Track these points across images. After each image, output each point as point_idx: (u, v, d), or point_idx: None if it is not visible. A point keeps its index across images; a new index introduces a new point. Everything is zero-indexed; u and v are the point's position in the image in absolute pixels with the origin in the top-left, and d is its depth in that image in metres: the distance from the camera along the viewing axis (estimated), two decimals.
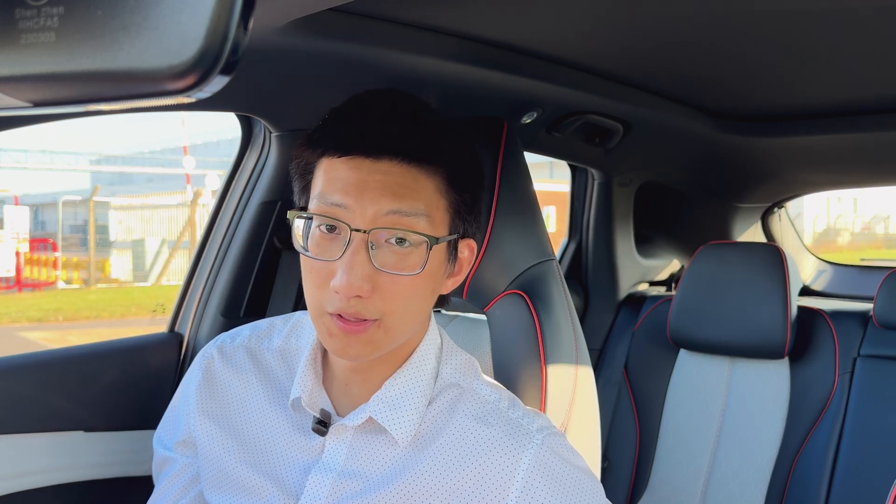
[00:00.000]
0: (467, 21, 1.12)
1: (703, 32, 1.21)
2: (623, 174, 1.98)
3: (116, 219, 15.21)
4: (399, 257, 0.78)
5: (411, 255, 0.78)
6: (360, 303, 0.76)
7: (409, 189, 0.78)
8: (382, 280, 0.77)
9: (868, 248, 18.90)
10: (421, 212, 0.78)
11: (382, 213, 0.76)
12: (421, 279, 0.79)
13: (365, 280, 0.75)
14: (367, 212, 0.76)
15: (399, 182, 0.77)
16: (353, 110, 0.81)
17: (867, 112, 1.69)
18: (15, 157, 18.62)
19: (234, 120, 1.32)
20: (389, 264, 0.77)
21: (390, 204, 0.76)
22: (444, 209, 0.81)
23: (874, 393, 1.71)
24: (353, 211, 0.77)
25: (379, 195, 0.76)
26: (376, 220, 0.76)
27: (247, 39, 0.36)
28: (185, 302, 1.38)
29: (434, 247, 0.79)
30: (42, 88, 0.40)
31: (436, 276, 0.82)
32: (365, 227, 0.76)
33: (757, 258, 1.82)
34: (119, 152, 26.43)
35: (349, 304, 0.76)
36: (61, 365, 1.19)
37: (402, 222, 0.77)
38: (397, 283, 0.77)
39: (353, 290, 0.75)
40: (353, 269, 0.75)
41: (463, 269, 0.87)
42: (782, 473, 1.73)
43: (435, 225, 0.80)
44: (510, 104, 1.38)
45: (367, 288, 0.76)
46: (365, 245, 0.76)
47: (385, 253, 0.77)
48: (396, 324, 0.79)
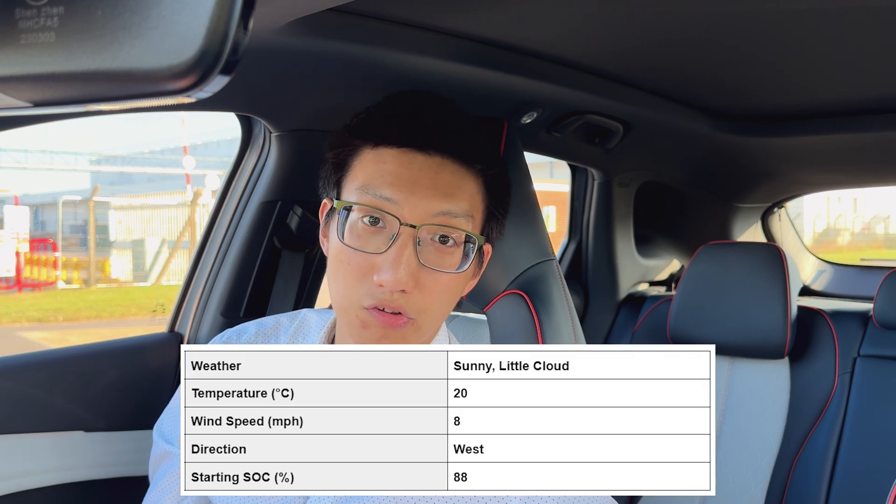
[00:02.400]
0: (467, 21, 1.12)
1: (703, 32, 1.21)
2: (623, 174, 1.98)
3: (116, 219, 15.21)
4: (442, 255, 0.78)
5: (454, 254, 0.79)
6: (402, 297, 0.76)
7: (458, 188, 0.78)
8: (424, 277, 0.77)
9: (868, 248, 18.91)
10: (467, 212, 0.79)
11: (433, 212, 0.77)
12: (458, 278, 0.80)
13: (411, 276, 0.76)
14: (417, 208, 0.76)
15: (449, 181, 0.78)
16: (404, 105, 0.81)
17: (867, 112, 1.69)
18: (15, 157, 18.63)
19: (234, 120, 1.32)
20: (433, 261, 0.78)
21: (441, 204, 0.77)
22: (482, 211, 0.82)
23: (874, 393, 1.71)
24: (402, 206, 0.76)
25: (431, 193, 0.77)
26: (426, 218, 0.77)
27: (247, 39, 0.36)
28: (185, 302, 1.38)
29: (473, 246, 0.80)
30: (42, 88, 0.40)
31: (468, 277, 0.83)
32: (415, 222, 0.76)
33: (757, 258, 1.82)
34: (119, 152, 26.44)
35: (392, 298, 0.76)
36: (61, 365, 1.19)
37: (452, 222, 0.78)
38: (438, 281, 0.78)
39: (399, 285, 0.75)
40: (401, 263, 0.75)
41: (480, 273, 0.88)
42: (782, 473, 1.73)
43: (475, 226, 0.81)
44: (510, 104, 1.38)
45: (412, 284, 0.76)
46: (413, 240, 0.76)
47: (429, 250, 0.78)
48: (428, 323, 0.80)
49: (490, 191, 0.83)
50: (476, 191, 0.81)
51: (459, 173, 0.79)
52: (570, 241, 2.08)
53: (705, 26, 1.18)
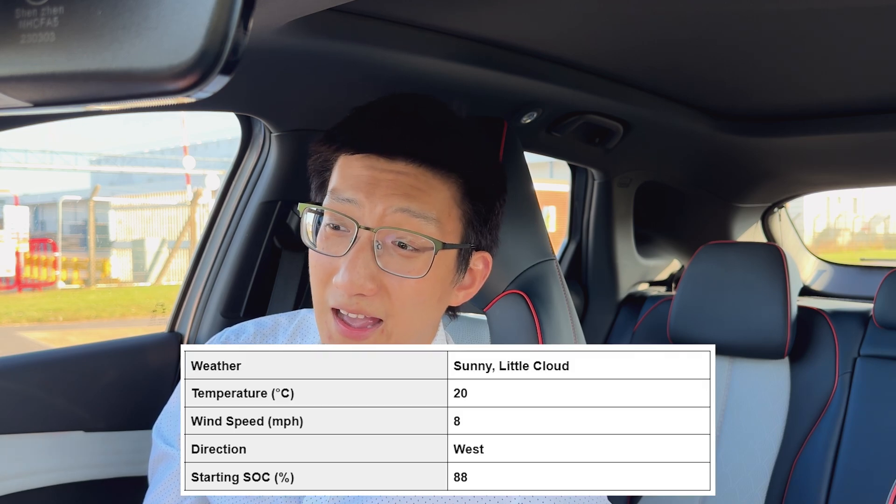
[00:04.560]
0: (467, 21, 1.12)
1: (703, 32, 1.21)
2: (623, 174, 1.98)
3: (116, 219, 15.21)
4: (404, 260, 0.77)
5: (417, 259, 0.77)
6: (363, 300, 0.76)
7: (421, 191, 0.77)
8: (388, 282, 0.77)
9: (868, 248, 18.90)
10: (430, 216, 0.77)
11: (391, 210, 0.76)
12: (427, 284, 0.78)
13: (368, 279, 0.75)
14: (377, 209, 0.76)
15: (411, 183, 0.77)
16: (375, 110, 0.81)
17: (867, 112, 1.69)
18: (15, 157, 18.62)
19: (234, 120, 1.32)
20: (394, 266, 0.77)
21: (400, 202, 0.76)
22: (458, 218, 0.80)
23: (874, 393, 1.71)
24: (362, 207, 0.77)
25: (390, 193, 0.76)
26: (384, 218, 0.76)
27: (247, 39, 0.36)
28: (185, 302, 1.38)
29: (440, 253, 0.78)
30: (42, 88, 0.40)
31: (443, 284, 0.81)
32: (372, 225, 0.76)
33: (757, 258, 1.82)
34: (119, 152, 26.42)
35: (351, 301, 0.76)
36: (61, 365, 1.19)
37: (410, 223, 0.77)
38: (403, 287, 0.77)
39: (353, 288, 0.75)
40: (356, 266, 0.75)
41: (476, 283, 0.86)
42: (782, 473, 1.73)
43: (445, 232, 0.79)
44: (510, 104, 1.38)
45: (370, 287, 0.76)
46: (370, 244, 0.76)
47: (391, 254, 0.77)
48: (400, 328, 0.79)
49: (470, 197, 0.81)
50: (448, 196, 0.79)
51: (425, 177, 0.78)
52: (570, 241, 2.08)
53: (705, 26, 1.18)
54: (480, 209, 0.82)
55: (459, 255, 0.82)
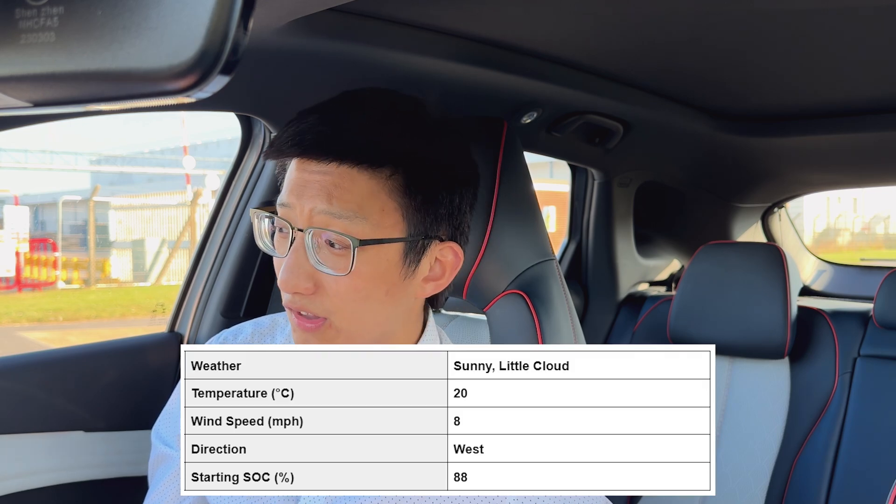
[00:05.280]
0: (468, 21, 1.12)
1: (703, 32, 1.21)
2: (623, 174, 1.98)
3: (116, 219, 15.21)
4: (334, 258, 0.78)
5: (344, 257, 0.78)
6: (302, 299, 0.79)
7: (343, 189, 0.77)
8: (325, 280, 0.78)
9: (868, 248, 18.90)
10: (352, 213, 0.77)
11: (315, 212, 0.78)
12: (363, 280, 0.78)
13: (304, 278, 0.77)
14: (305, 210, 0.78)
15: (334, 182, 0.77)
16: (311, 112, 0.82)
17: (867, 112, 1.69)
18: (15, 157, 18.62)
19: (234, 120, 1.32)
20: (329, 264, 0.78)
21: (321, 204, 0.77)
22: (394, 210, 0.79)
23: (874, 393, 1.71)
24: (294, 210, 0.79)
25: (315, 195, 0.78)
26: (311, 220, 0.78)
27: (247, 39, 0.36)
28: (185, 302, 1.38)
29: (374, 248, 0.78)
30: (42, 88, 0.40)
31: (386, 278, 0.80)
32: (303, 226, 0.78)
33: (757, 258, 1.82)
34: (119, 152, 26.41)
35: (293, 300, 0.79)
36: (61, 365, 1.19)
37: (333, 223, 0.77)
38: (339, 284, 0.78)
39: (290, 287, 0.78)
40: (291, 266, 0.77)
41: (446, 273, 0.85)
42: (782, 473, 1.73)
43: (380, 227, 0.78)
44: (510, 104, 1.38)
45: (307, 286, 0.78)
46: (303, 244, 0.78)
47: (325, 253, 0.78)
48: (346, 324, 0.80)
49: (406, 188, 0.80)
50: (375, 190, 0.78)
51: (349, 174, 0.77)
52: (570, 241, 2.08)
53: (705, 26, 1.18)
54: (420, 199, 0.80)
55: (406, 247, 0.80)
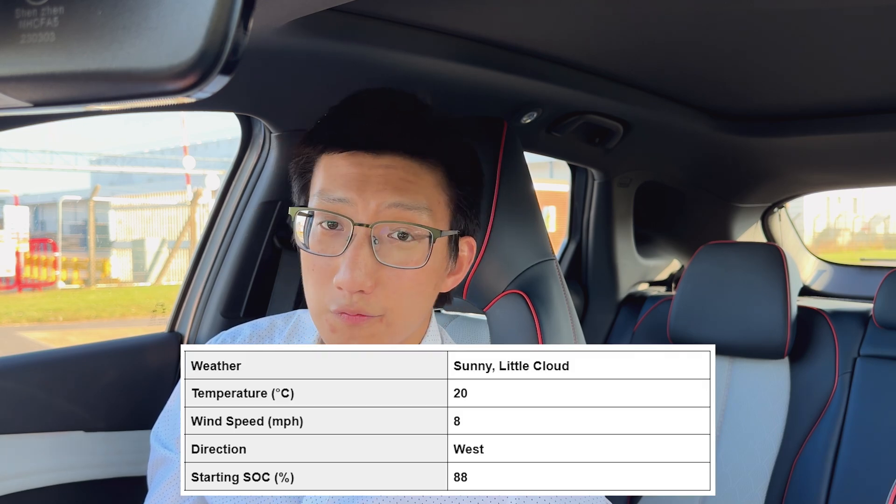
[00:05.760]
0: (467, 21, 1.12)
1: (703, 32, 1.21)
2: (623, 174, 1.98)
3: (116, 219, 15.21)
4: (402, 251, 0.78)
5: (414, 250, 0.78)
6: (362, 299, 0.76)
7: (411, 183, 0.78)
8: (385, 275, 0.77)
9: (868, 248, 18.90)
10: (423, 205, 0.78)
11: (385, 205, 0.76)
12: (424, 274, 0.79)
13: (368, 275, 0.75)
14: (370, 205, 0.76)
15: (401, 176, 0.77)
16: (353, 108, 0.81)
17: (867, 112, 1.69)
18: (15, 157, 18.62)
19: (234, 120, 1.32)
20: (393, 258, 0.77)
21: (392, 197, 0.76)
22: (445, 204, 0.81)
23: (874, 393, 1.71)
24: (355, 205, 0.77)
25: (381, 188, 0.76)
26: (378, 214, 0.76)
27: (247, 39, 0.36)
28: (185, 302, 1.38)
29: (437, 241, 0.79)
30: (42, 88, 0.40)
31: (438, 272, 0.82)
32: (367, 221, 0.76)
33: (757, 258, 1.82)
34: (119, 152, 26.42)
35: (352, 301, 0.76)
36: (61, 365, 1.19)
37: (405, 215, 0.77)
38: (401, 278, 0.77)
39: (356, 286, 0.75)
40: (357, 264, 0.75)
41: (463, 268, 0.87)
42: (782, 473, 1.73)
43: (437, 219, 0.80)
44: (510, 104, 1.38)
45: (369, 283, 0.76)
46: (368, 239, 0.76)
47: (388, 247, 0.77)
48: (399, 319, 0.79)
49: (454, 182, 0.82)
50: (435, 183, 0.80)
51: (412, 168, 0.78)
52: (570, 241, 2.08)
53: (705, 26, 1.18)
54: (467, 192, 0.83)
55: (450, 241, 0.83)
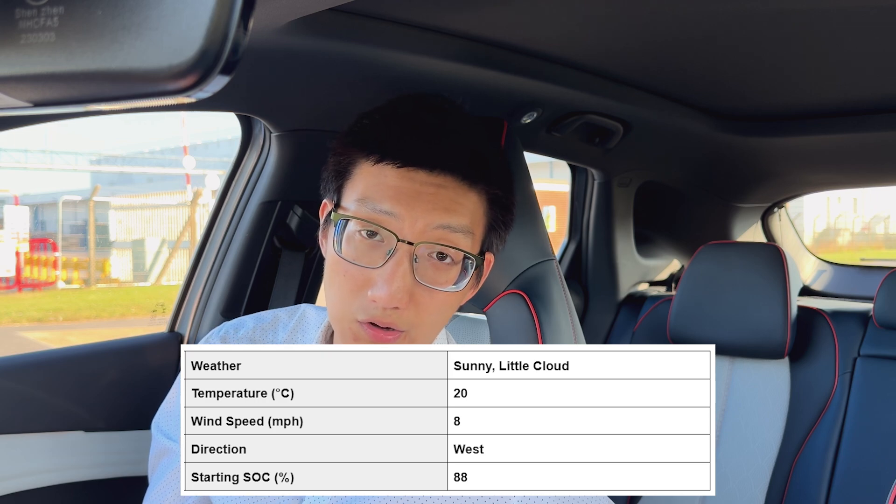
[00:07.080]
0: (468, 21, 1.12)
1: (703, 32, 1.21)
2: (623, 174, 1.98)
3: (116, 219, 15.21)
4: (438, 272, 0.78)
5: (450, 271, 0.78)
6: (395, 313, 0.76)
7: (459, 204, 0.78)
8: (418, 292, 0.77)
9: (868, 248, 18.91)
10: (467, 229, 0.78)
11: (432, 226, 0.76)
12: (455, 295, 0.80)
13: (405, 292, 0.75)
14: (417, 223, 0.76)
15: (451, 197, 0.77)
16: (408, 119, 0.79)
17: (867, 112, 1.69)
18: (15, 157, 18.63)
19: (234, 120, 1.32)
20: (428, 278, 0.77)
21: (441, 218, 0.76)
22: (484, 226, 0.81)
23: (874, 393, 1.71)
24: (402, 220, 0.76)
25: (431, 208, 0.76)
26: (425, 234, 0.76)
27: (247, 39, 0.36)
28: (185, 302, 1.38)
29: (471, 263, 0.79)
30: (42, 88, 0.40)
31: (465, 292, 0.82)
32: (413, 238, 0.76)
33: (757, 258, 1.82)
34: (119, 152, 26.40)
35: (385, 315, 0.76)
36: (61, 365, 1.19)
37: (450, 238, 0.77)
38: (434, 297, 0.78)
39: (392, 302, 0.75)
40: (395, 280, 0.75)
41: (482, 281, 0.87)
42: (782, 473, 1.73)
43: (475, 242, 0.80)
44: (510, 104, 1.38)
45: (405, 300, 0.76)
46: (409, 257, 0.76)
47: (425, 266, 0.77)
48: (422, 335, 0.80)
49: (496, 206, 0.82)
50: (478, 206, 0.80)
51: (461, 190, 0.78)
52: (570, 241, 2.08)
53: (705, 26, 1.18)
54: (504, 216, 0.84)
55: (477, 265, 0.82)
